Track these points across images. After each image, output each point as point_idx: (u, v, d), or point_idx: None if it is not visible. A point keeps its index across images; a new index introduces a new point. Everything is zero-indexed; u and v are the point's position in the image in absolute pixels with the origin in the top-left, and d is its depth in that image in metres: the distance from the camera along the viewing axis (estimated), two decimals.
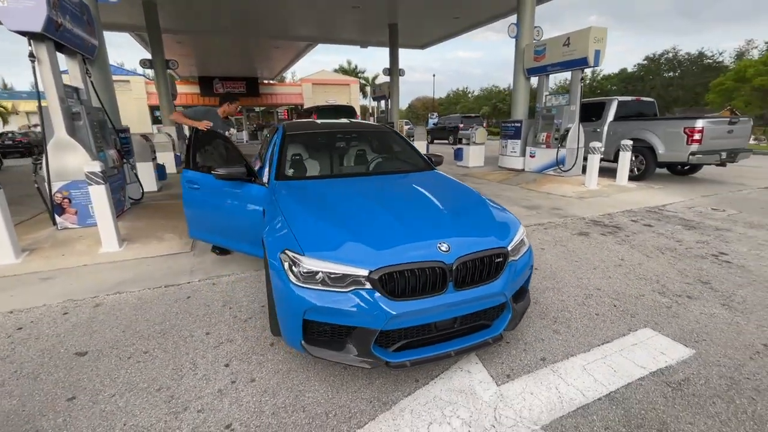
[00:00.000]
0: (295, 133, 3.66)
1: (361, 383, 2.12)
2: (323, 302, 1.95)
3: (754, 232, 4.69)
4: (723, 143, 7.19)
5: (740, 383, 2.10)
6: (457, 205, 2.63)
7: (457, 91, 71.08)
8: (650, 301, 3.03)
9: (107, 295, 3.13)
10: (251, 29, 14.70)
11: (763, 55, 29.24)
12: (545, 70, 8.05)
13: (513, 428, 1.81)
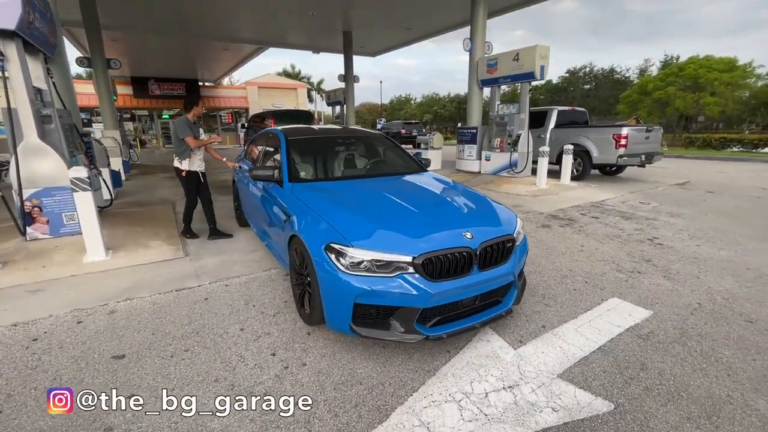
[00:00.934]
0: (297, 138, 3.83)
1: (402, 357, 2.41)
2: (374, 286, 2.22)
3: (674, 220, 5.71)
4: (642, 148, 8.49)
5: (688, 331, 2.73)
6: (467, 201, 3.03)
7: (400, 97, 73.21)
8: (611, 277, 3.67)
9: (117, 302, 3.06)
10: (199, 30, 14.13)
11: (659, 73, 33.91)
12: (497, 81, 8.89)
13: (536, 379, 2.22)
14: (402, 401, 2.04)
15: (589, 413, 1.97)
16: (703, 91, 28.04)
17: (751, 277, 3.68)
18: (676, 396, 2.10)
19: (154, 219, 5.58)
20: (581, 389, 2.15)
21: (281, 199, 3.18)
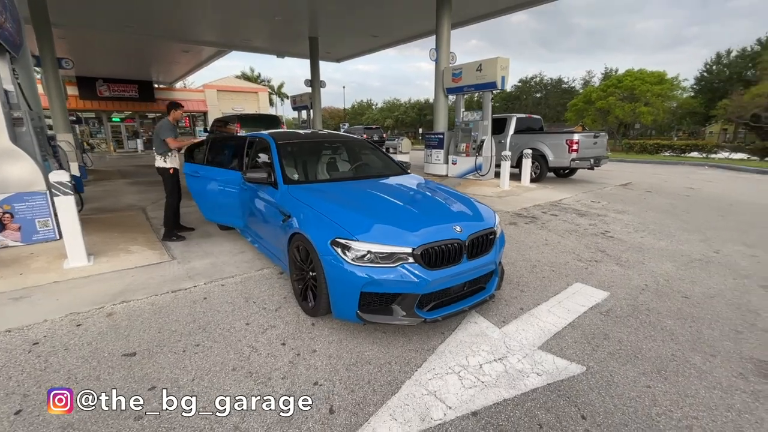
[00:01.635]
0: (287, 142, 3.99)
1: (403, 340, 2.67)
2: (378, 276, 2.47)
3: (621, 216, 6.43)
4: (591, 152, 9.37)
5: (639, 307, 3.21)
6: (452, 199, 3.35)
7: (361, 102, 73.82)
8: (573, 265, 4.16)
9: (113, 305, 3.07)
10: (158, 30, 13.64)
11: (601, 84, 36.85)
12: (462, 90, 9.45)
13: (520, 351, 2.57)
14: (409, 376, 2.30)
15: (566, 375, 2.34)
16: (638, 102, 30.84)
17: (684, 262, 4.31)
18: (633, 358, 2.52)
19: (127, 225, 5.44)
20: (558, 357, 2.51)
21: (278, 200, 3.34)
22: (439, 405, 2.06)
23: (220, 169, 4.41)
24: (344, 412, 2.00)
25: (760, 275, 3.95)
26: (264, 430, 1.89)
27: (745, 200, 7.98)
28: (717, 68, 35.14)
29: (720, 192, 8.99)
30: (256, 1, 11.17)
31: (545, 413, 2.03)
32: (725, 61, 34.74)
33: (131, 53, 17.80)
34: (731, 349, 2.64)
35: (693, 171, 13.52)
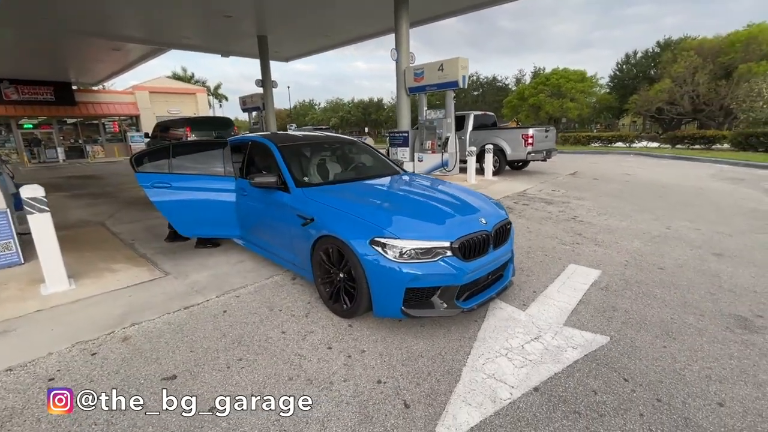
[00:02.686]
0: (288, 145, 3.88)
1: (442, 331, 2.77)
2: (422, 271, 2.54)
3: (582, 202, 7.09)
4: (544, 145, 10.16)
5: (629, 281, 3.62)
6: (464, 193, 3.50)
7: (303, 102, 72.37)
8: (560, 249, 4.54)
9: (124, 328, 2.80)
10: (81, 26, 12.25)
11: (532, 82, 39.73)
12: (424, 89, 9.74)
13: (550, 329, 2.79)
14: (463, 364, 2.41)
15: (597, 346, 2.59)
16: (564, 98, 33.76)
17: (647, 238, 4.90)
18: (642, 324, 2.86)
19: (94, 242, 4.92)
20: (583, 331, 2.78)
21: (293, 204, 3.26)
22: (502, 386, 2.20)
23: (205, 177, 4.10)
24: (419, 405, 2.06)
25: (708, 245, 4.62)
26: (349, 430, 1.89)
27: (671, 183, 9.16)
28: (626, 67, 39.37)
29: (651, 177, 10.22)
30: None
31: (594, 380, 2.25)
32: (633, 61, 39.07)
33: (45, 51, 15.74)
34: (712, 308, 3.10)
35: (621, 159, 15.17)
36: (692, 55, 25.13)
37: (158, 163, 4.00)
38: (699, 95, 24.23)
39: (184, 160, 4.09)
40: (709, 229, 5.30)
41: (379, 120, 57.29)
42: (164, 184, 3.89)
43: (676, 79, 25.36)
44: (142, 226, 5.92)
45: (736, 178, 9.72)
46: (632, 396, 2.12)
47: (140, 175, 3.87)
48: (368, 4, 11.16)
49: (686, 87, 24.56)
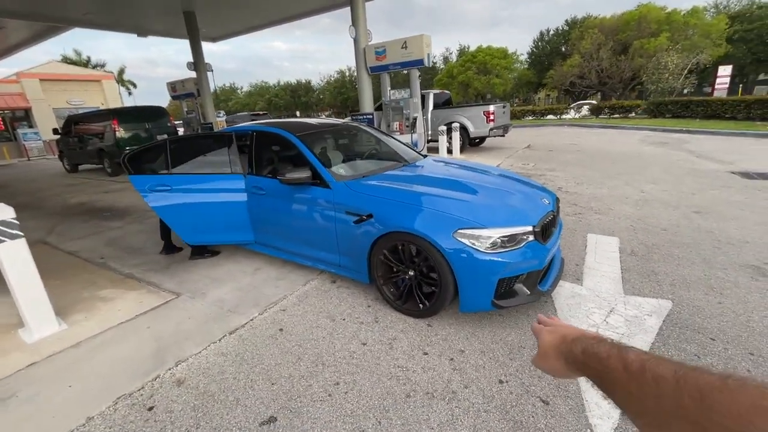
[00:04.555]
0: (307, 134, 3.44)
1: (523, 317, 2.71)
2: (512, 259, 2.43)
3: (554, 173, 7.49)
4: (502, 121, 10.53)
5: (647, 244, 3.88)
6: (507, 174, 3.42)
7: (224, 86, 66.82)
8: (569, 220, 4.74)
9: (170, 369, 2.29)
10: None
11: (459, 59, 40.97)
12: (387, 68, 9.39)
13: (616, 300, 2.88)
14: None
15: (667, 310, 2.73)
16: (490, 74, 35.42)
17: (633, 202, 5.33)
18: (686, 284, 3.07)
19: (51, 267, 4.00)
20: (645, 297, 2.91)
21: (339, 200, 2.92)
22: None
23: (208, 176, 3.54)
24: (557, 399, 1.98)
25: (684, 205, 5.15)
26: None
27: (614, 150, 10.11)
28: (541, 44, 42.25)
29: (594, 145, 11.17)
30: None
31: (688, 345, 2.36)
32: (546, 38, 42.01)
33: None
34: (727, 261, 3.44)
35: (559, 131, 16.41)
36: (596, 32, 27.77)
37: (154, 163, 3.37)
38: (603, 69, 27.07)
39: (183, 158, 3.48)
40: (673, 189, 5.91)
41: (309, 103, 55.22)
42: (164, 186, 3.29)
43: (584, 55, 27.95)
44: (100, 239, 4.99)
45: (662, 142, 11.03)
46: (729, 354, 2.26)
47: (135, 178, 3.28)
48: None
49: (593, 62, 27.24)
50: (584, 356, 0.54)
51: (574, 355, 0.57)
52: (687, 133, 12.47)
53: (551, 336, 0.64)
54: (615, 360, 0.48)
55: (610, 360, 0.49)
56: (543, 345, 0.65)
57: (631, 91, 29.32)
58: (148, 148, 3.64)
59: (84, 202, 7.69)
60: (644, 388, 0.43)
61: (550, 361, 0.63)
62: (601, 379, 0.50)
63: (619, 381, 0.47)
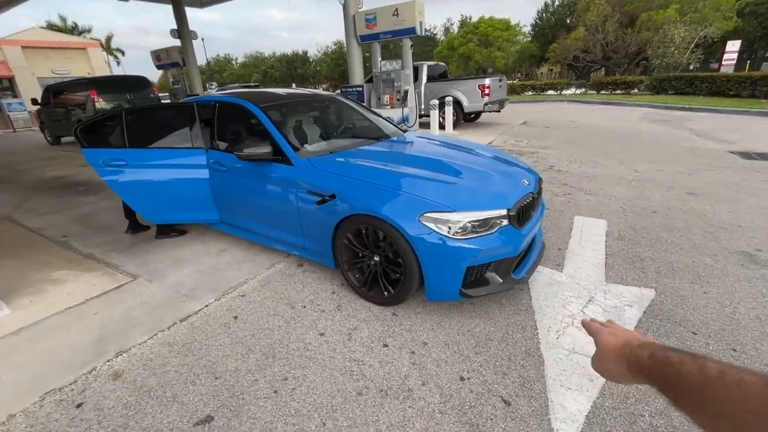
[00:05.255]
0: (272, 105, 3.17)
1: (495, 306, 2.54)
2: (483, 246, 2.23)
3: (548, 151, 7.21)
4: (498, 95, 10.11)
5: (636, 228, 3.69)
6: (489, 152, 3.17)
7: (218, 57, 64.84)
8: (557, 201, 4.52)
9: (109, 360, 2.12)
10: None
11: (460, 31, 39.54)
12: (377, 37, 8.90)
13: (596, 288, 2.70)
14: (537, 341, 2.21)
15: (649, 300, 2.56)
16: (492, 47, 34.24)
17: (626, 183, 5.10)
18: (673, 271, 2.90)
19: (8, 245, 3.82)
20: (627, 286, 2.73)
21: (301, 178, 2.68)
22: (589, 361, 2.04)
23: (167, 150, 3.29)
24: (520, 399, 1.82)
25: (678, 186, 4.92)
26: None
27: (613, 127, 9.77)
28: (546, 16, 40.68)
29: (592, 122, 10.81)
30: None
31: (668, 339, 2.20)
32: (551, 9, 40.40)
33: None
34: (717, 247, 3.25)
35: (557, 106, 15.92)
36: (603, 3, 26.58)
37: (109, 135, 3.12)
38: (608, 43, 26.10)
39: (142, 131, 3.23)
40: (669, 169, 5.67)
41: (306, 75, 53.76)
42: (120, 161, 3.06)
43: (589, 28, 26.88)
44: (70, 216, 4.77)
45: (663, 120, 10.67)
46: (710, 350, 2.10)
47: (88, 151, 3.09)
48: None
49: (598, 35, 26.23)
50: (652, 361, 0.54)
51: (639, 360, 0.56)
52: (689, 110, 12.07)
53: (613, 338, 0.64)
54: (689, 365, 0.47)
55: (683, 365, 0.48)
56: (603, 346, 0.65)
57: (636, 66, 28.42)
58: (104, 118, 3.36)
59: (61, 176, 7.40)
60: (725, 391, 0.42)
61: (609, 364, 0.63)
62: (671, 384, 0.49)
63: (694, 386, 0.46)
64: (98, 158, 3.14)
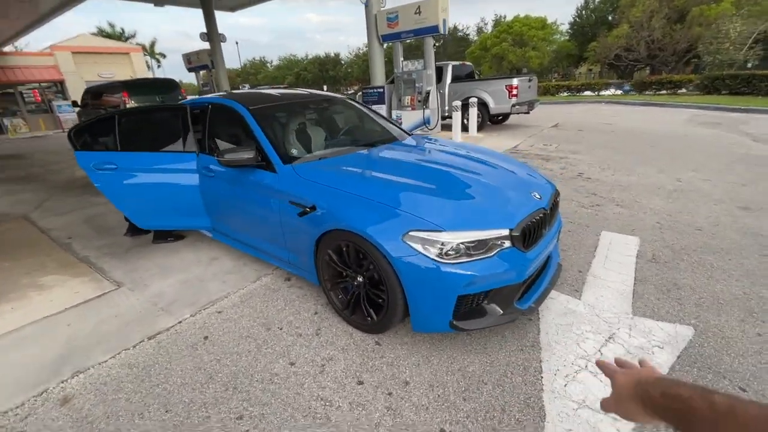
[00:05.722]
0: (263, 107, 2.97)
1: (496, 339, 2.20)
2: (478, 271, 1.90)
3: (579, 156, 6.65)
4: (527, 96, 9.55)
5: (674, 247, 3.19)
6: (500, 160, 2.82)
7: (254, 60, 66.87)
8: (583, 213, 4.05)
9: (62, 382, 1.98)
10: None
11: (494, 30, 38.48)
12: (399, 36, 8.63)
13: (619, 322, 2.29)
14: (539, 388, 1.85)
15: (684, 341, 2.12)
16: (527, 46, 33.03)
17: (665, 194, 4.53)
18: (718, 304, 2.42)
19: (12, 245, 3.86)
20: (659, 321, 2.30)
21: (282, 187, 2.45)
22: (603, 418, 1.67)
23: (157, 155, 3.17)
24: None
25: (729, 198, 4.30)
26: None
27: (654, 130, 8.95)
28: (586, 13, 38.80)
29: (631, 125, 9.98)
30: None
31: None
32: (592, 6, 38.49)
33: None
34: None
35: (594, 108, 14.97)
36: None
37: (102, 138, 3.06)
38: (654, 40, 24.37)
39: (133, 134, 3.14)
40: (718, 179, 5.01)
41: (337, 77, 54.34)
42: (110, 164, 2.97)
43: (633, 24, 25.24)
44: (80, 216, 4.82)
45: (713, 123, 9.69)
46: None
47: (80, 154, 3.06)
48: None
49: (643, 32, 24.56)
50: (664, 399, 0.55)
51: (652, 398, 0.57)
52: (745, 112, 10.93)
53: (626, 378, 0.65)
54: (699, 400, 0.48)
55: (693, 400, 0.49)
56: (618, 387, 0.66)
57: (686, 64, 26.38)
58: (97, 120, 3.29)
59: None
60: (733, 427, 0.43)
61: (624, 404, 0.63)
62: (681, 421, 0.50)
63: (704, 422, 0.46)
64: (89, 161, 3.07)
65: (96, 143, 3.20)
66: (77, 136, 3.15)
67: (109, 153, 3.10)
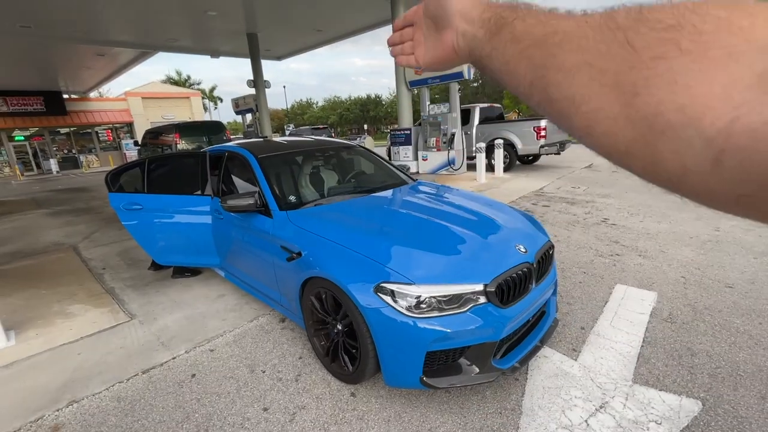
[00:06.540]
0: (269, 155, 3.21)
1: (475, 399, 2.10)
2: (449, 327, 1.87)
3: (608, 200, 6.37)
4: (557, 137, 9.41)
5: (695, 306, 2.92)
6: (492, 210, 2.81)
7: (301, 102, 71.70)
8: (599, 263, 3.84)
9: (58, 410, 2.13)
10: (62, 32, 11.62)
11: None
12: (426, 82, 9.01)
13: (616, 389, 2.11)
14: None
15: (688, 418, 1.91)
16: None
17: (698, 244, 4.19)
18: (736, 377, 2.17)
19: (57, 273, 4.28)
20: (662, 391, 2.09)
21: (276, 233, 2.59)
22: None
23: (177, 197, 3.47)
24: None
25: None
26: None
27: None
28: None
29: None
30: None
31: None
32: None
33: (31, 60, 15.16)
34: None
35: None
36: None
37: (132, 181, 3.45)
38: None
39: (160, 177, 3.51)
40: (765, 230, 4.57)
41: (377, 116, 56.67)
42: (136, 205, 3.31)
43: None
44: (117, 249, 5.28)
45: None
46: None
47: (113, 195, 3.43)
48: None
49: None
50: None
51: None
52: None
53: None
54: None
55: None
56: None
57: None
58: (131, 165, 3.70)
59: None
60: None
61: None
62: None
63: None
64: (120, 202, 3.42)
65: (128, 186, 3.58)
66: (113, 180, 3.54)
67: (136, 195, 3.45)
